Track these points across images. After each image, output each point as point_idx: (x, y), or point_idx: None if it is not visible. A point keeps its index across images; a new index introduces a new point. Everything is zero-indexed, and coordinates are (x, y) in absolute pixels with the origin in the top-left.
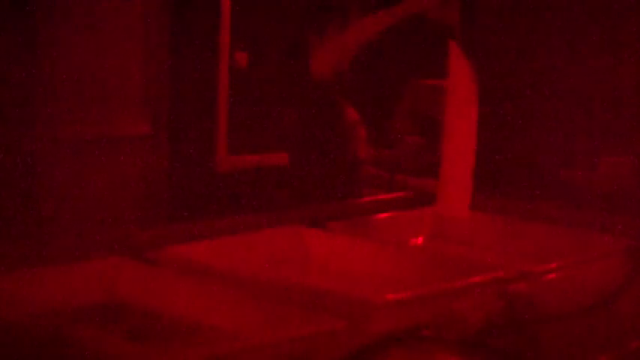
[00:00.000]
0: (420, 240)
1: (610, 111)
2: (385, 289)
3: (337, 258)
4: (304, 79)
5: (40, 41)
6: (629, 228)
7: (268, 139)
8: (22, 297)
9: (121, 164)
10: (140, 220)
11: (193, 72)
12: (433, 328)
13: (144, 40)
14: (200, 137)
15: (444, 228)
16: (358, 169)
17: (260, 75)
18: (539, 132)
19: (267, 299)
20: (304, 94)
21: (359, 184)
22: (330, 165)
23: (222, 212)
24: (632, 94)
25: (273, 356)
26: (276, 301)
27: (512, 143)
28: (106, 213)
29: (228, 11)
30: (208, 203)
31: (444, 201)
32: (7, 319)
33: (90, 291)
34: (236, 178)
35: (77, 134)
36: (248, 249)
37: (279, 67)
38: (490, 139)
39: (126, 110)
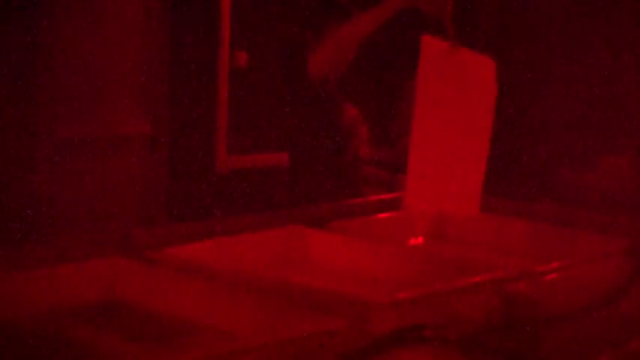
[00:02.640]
0: (420, 240)
1: (610, 111)
2: (385, 289)
3: (337, 258)
4: (304, 79)
5: (41, 42)
6: (629, 228)
7: (268, 139)
8: (22, 297)
9: (121, 164)
10: (140, 220)
11: (193, 72)
12: (433, 328)
13: (144, 40)
14: (200, 137)
15: (444, 228)
16: (358, 169)
17: (260, 75)
18: (539, 133)
19: (267, 299)
20: (304, 94)
21: (359, 184)
22: (330, 165)
23: (222, 212)
24: (632, 94)
25: (273, 356)
26: (277, 301)
27: (513, 144)
28: (106, 213)
29: (228, 11)
30: (208, 203)
31: (411, 197)
32: (7, 319)
33: (90, 291)
34: (236, 178)
35: (77, 134)
36: (248, 249)
37: (278, 67)
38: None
39: (126, 110)
